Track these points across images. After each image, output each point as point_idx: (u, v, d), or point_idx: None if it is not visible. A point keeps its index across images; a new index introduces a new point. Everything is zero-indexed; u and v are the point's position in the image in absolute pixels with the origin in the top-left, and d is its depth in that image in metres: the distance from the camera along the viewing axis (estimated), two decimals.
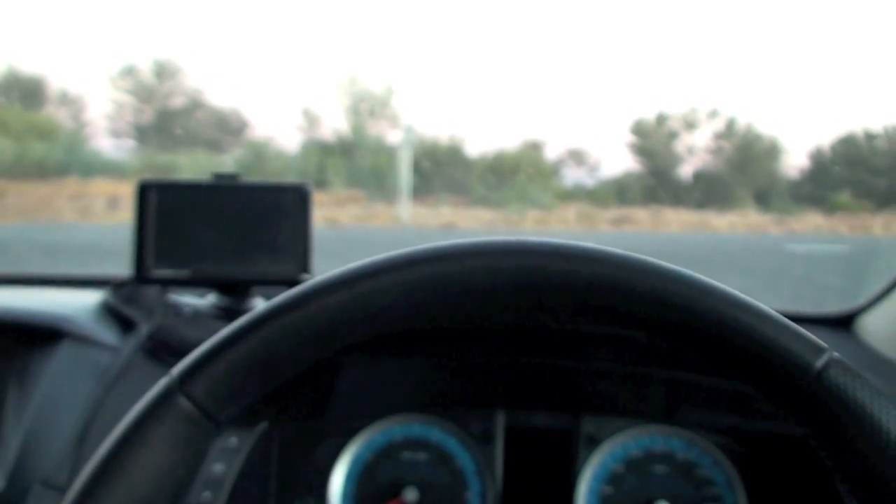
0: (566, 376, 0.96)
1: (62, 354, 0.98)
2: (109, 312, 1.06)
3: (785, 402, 0.49)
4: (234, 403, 0.49)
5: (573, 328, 0.91)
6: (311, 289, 0.49)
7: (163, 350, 0.98)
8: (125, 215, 1.01)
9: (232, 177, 1.02)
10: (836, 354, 0.47)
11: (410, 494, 0.97)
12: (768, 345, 0.47)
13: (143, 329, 1.00)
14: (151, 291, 1.05)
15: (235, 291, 1.05)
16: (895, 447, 0.45)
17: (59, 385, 0.96)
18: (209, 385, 0.48)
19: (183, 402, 0.47)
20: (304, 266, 1.01)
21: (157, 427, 0.47)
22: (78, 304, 1.08)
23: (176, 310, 1.03)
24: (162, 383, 0.48)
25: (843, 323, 1.21)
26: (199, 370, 0.48)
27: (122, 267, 1.02)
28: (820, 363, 0.47)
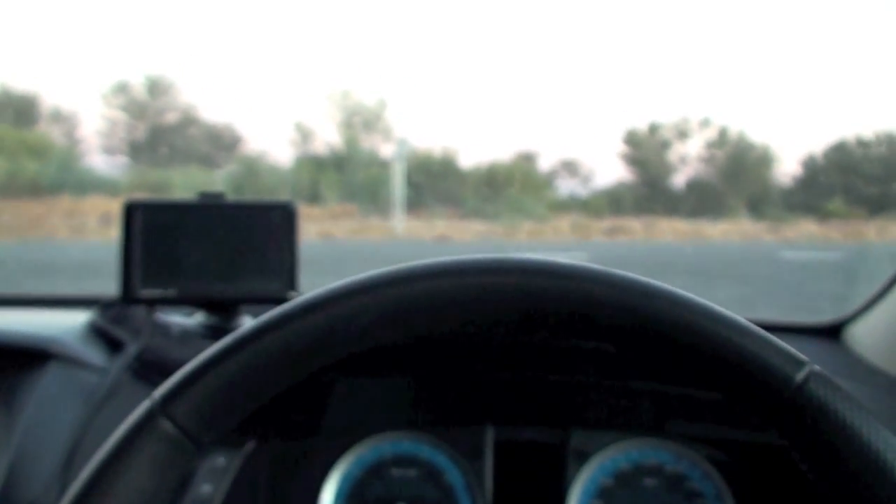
0: (555, 390, 0.96)
1: (49, 376, 0.98)
2: (97, 333, 1.06)
3: (766, 416, 0.49)
4: (216, 425, 0.48)
5: (559, 343, 0.91)
6: (291, 309, 0.49)
7: (151, 370, 0.98)
8: (119, 232, 1.01)
9: (218, 196, 1.02)
10: (816, 367, 0.47)
11: None
12: (748, 358, 0.47)
13: (131, 349, 1.00)
14: (139, 311, 1.05)
15: (223, 310, 1.05)
16: (874, 460, 0.45)
17: (46, 407, 0.96)
18: (191, 407, 0.47)
19: (165, 425, 0.47)
20: (291, 284, 1.01)
21: (140, 450, 0.46)
22: (65, 324, 1.08)
23: (164, 329, 1.02)
24: (144, 406, 0.48)
25: (832, 332, 1.21)
26: (181, 393, 0.48)
27: (114, 285, 1.02)
28: (800, 376, 0.47)
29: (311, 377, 0.50)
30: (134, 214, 1.00)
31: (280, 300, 0.99)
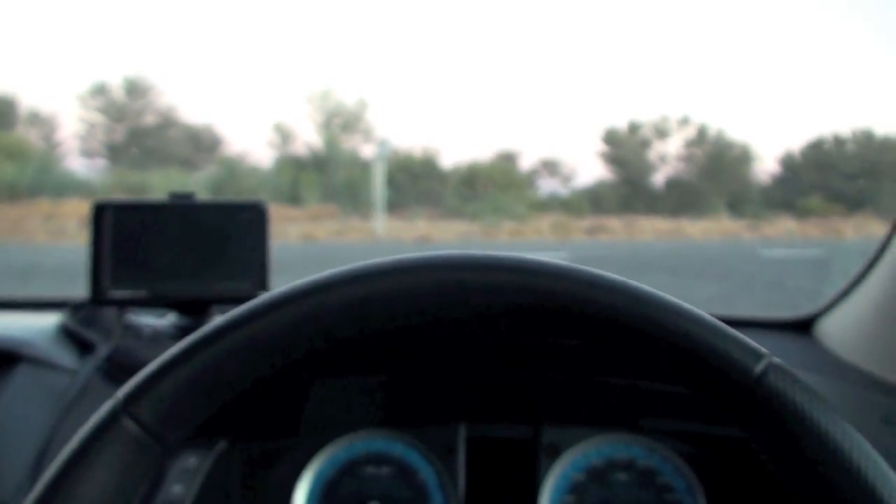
0: (526, 387, 0.97)
1: (19, 378, 0.98)
2: (67, 335, 1.06)
3: (727, 407, 0.49)
4: (181, 424, 0.48)
5: (528, 339, 0.92)
6: (254, 308, 0.49)
7: (121, 372, 0.97)
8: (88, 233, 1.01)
9: (188, 196, 1.01)
10: (775, 359, 0.48)
11: None
12: (708, 351, 0.48)
13: (102, 351, 0.99)
14: (110, 313, 1.04)
15: (194, 311, 1.04)
16: (833, 450, 0.46)
17: (16, 408, 0.95)
18: (155, 406, 0.47)
19: (129, 425, 0.47)
20: (262, 284, 1.01)
21: (103, 450, 0.46)
22: (35, 326, 1.07)
23: (135, 331, 1.02)
24: (107, 406, 0.47)
25: (803, 327, 1.22)
26: (145, 392, 0.47)
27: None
28: (759, 368, 0.47)
29: (282, 376, 0.50)
30: (103, 215, 0.99)
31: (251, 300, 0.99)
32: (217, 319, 0.49)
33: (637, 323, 0.49)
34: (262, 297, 0.50)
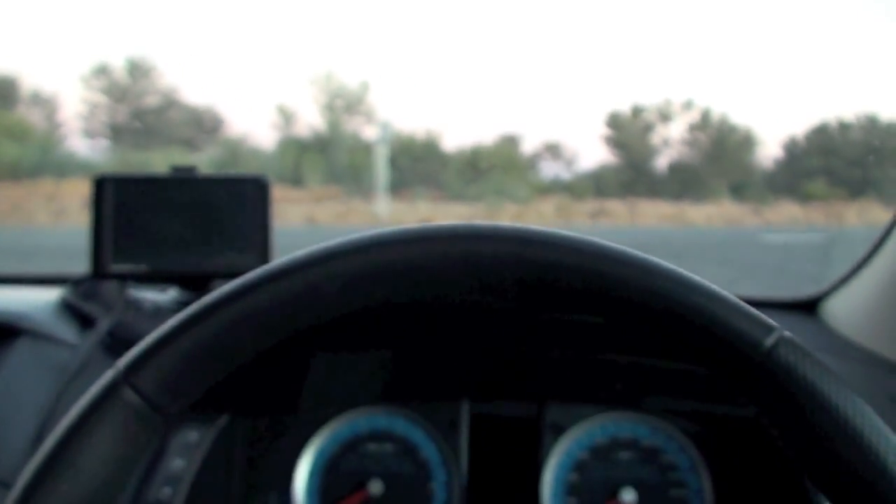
0: (530, 365, 0.96)
1: (19, 351, 0.97)
2: (68, 309, 1.05)
3: (736, 381, 0.49)
4: (182, 395, 0.48)
5: (535, 315, 0.91)
6: (257, 277, 0.48)
7: (122, 346, 0.97)
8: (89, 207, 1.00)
9: (190, 169, 1.00)
10: (786, 333, 0.47)
11: (375, 486, 0.96)
12: (718, 324, 0.47)
13: (103, 325, 0.99)
14: (111, 287, 1.04)
15: (196, 286, 1.04)
16: (843, 425, 0.45)
17: (16, 382, 0.95)
18: (156, 376, 0.47)
19: (129, 395, 0.46)
20: (264, 258, 1.00)
21: (103, 421, 0.46)
22: (37, 301, 1.06)
23: (136, 305, 1.01)
24: (108, 376, 0.47)
25: (809, 307, 1.22)
26: (146, 361, 0.47)
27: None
28: (769, 341, 0.46)
29: (284, 350, 0.49)
30: (104, 189, 0.99)
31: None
32: (218, 289, 0.49)
33: (646, 296, 0.48)
34: (264, 268, 0.49)
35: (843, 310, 1.16)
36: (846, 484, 0.45)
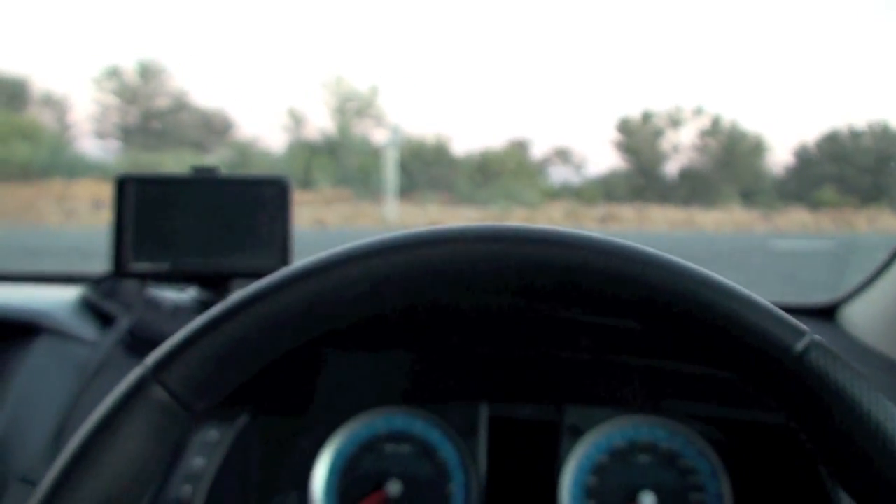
0: (549, 367, 0.96)
1: (40, 349, 0.97)
2: (88, 307, 1.05)
3: (766, 386, 0.48)
4: (209, 393, 0.48)
5: (555, 317, 0.91)
6: (286, 276, 0.48)
7: (142, 344, 0.97)
8: (110, 216, 1.00)
9: (211, 170, 1.01)
10: (816, 337, 0.47)
11: (394, 487, 0.96)
12: (749, 328, 0.47)
13: (123, 323, 0.99)
14: (131, 286, 1.04)
15: (215, 285, 1.04)
16: (875, 429, 0.45)
17: (36, 380, 0.95)
18: (184, 374, 0.47)
19: (157, 392, 0.46)
20: (284, 259, 1.00)
21: (132, 417, 0.46)
22: (57, 299, 1.07)
23: (156, 304, 1.02)
24: (136, 372, 0.47)
25: (827, 313, 1.21)
26: (174, 359, 0.47)
27: (106, 269, 1.01)
28: (800, 346, 0.46)
29: (306, 350, 0.49)
30: (126, 188, 0.99)
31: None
32: (247, 288, 0.49)
33: (676, 299, 0.48)
34: (293, 266, 0.49)
35: (861, 316, 1.15)
36: (876, 488, 0.45)
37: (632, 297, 0.48)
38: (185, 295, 1.06)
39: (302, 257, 1.06)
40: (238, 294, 0.49)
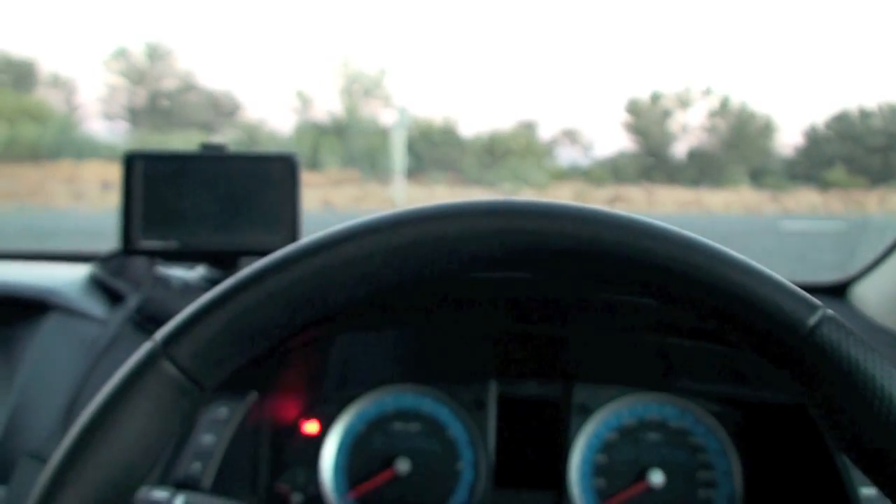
0: (558, 345, 0.96)
1: (49, 327, 0.98)
2: (97, 285, 1.06)
3: (778, 360, 0.48)
4: (220, 368, 0.48)
5: (564, 295, 0.91)
6: (295, 251, 0.48)
7: (151, 322, 0.97)
8: (118, 198, 1.00)
9: (219, 147, 1.00)
10: (829, 311, 0.46)
11: (403, 464, 0.96)
12: (761, 302, 0.47)
13: (132, 301, 0.99)
14: (140, 263, 1.04)
15: (224, 263, 1.04)
16: (888, 403, 0.45)
17: (46, 357, 0.95)
18: (194, 349, 0.47)
19: (167, 367, 0.46)
20: (293, 236, 1.00)
21: (141, 392, 0.46)
22: (66, 276, 1.07)
23: (164, 282, 1.02)
24: (145, 348, 0.47)
25: (837, 291, 1.21)
26: (184, 334, 0.47)
27: (113, 248, 1.01)
28: (813, 320, 0.46)
29: (315, 328, 0.49)
30: (134, 165, 0.99)
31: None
32: (257, 262, 0.49)
33: (686, 272, 0.48)
34: (303, 241, 0.49)
35: (872, 294, 1.15)
36: (888, 461, 0.45)
37: (643, 271, 0.48)
38: (194, 273, 1.06)
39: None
40: (248, 269, 0.48)
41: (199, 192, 1.00)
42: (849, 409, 0.46)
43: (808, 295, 0.47)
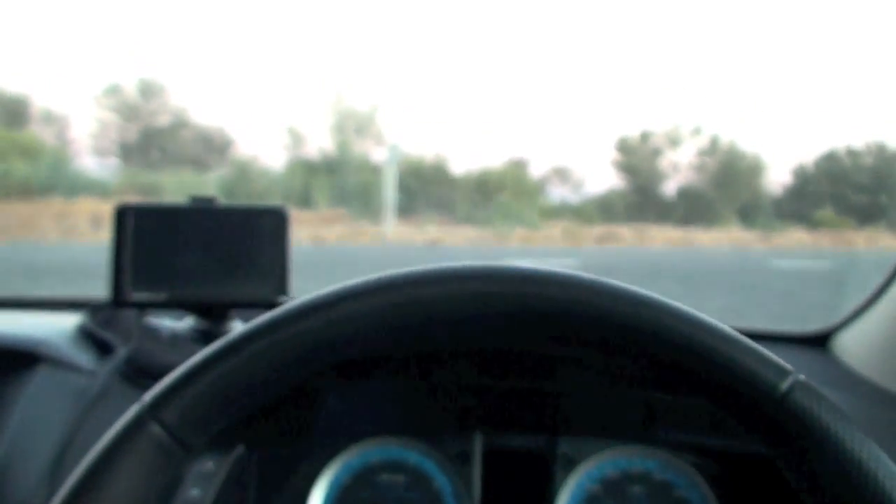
0: (543, 397, 0.97)
1: (39, 378, 0.98)
2: (87, 336, 1.06)
3: (751, 424, 0.49)
4: (207, 429, 0.49)
5: (547, 351, 0.92)
6: (282, 315, 0.49)
7: (140, 374, 0.98)
8: (109, 235, 1.01)
9: (209, 200, 1.02)
10: (801, 377, 0.48)
11: None
12: (733, 367, 0.48)
13: (121, 353, 1.00)
14: (129, 314, 1.05)
15: (214, 314, 1.05)
16: (857, 469, 0.46)
17: (35, 409, 0.96)
18: (182, 412, 0.48)
19: (155, 430, 0.47)
20: (282, 288, 1.01)
21: (129, 455, 0.47)
22: (55, 327, 1.08)
23: (154, 333, 1.02)
24: (134, 410, 0.48)
25: (819, 341, 1.22)
26: (172, 397, 0.48)
27: (105, 287, 1.01)
28: (785, 385, 0.47)
29: (302, 382, 0.50)
30: (125, 218, 1.00)
31: (271, 305, 0.99)
32: (243, 326, 0.50)
33: (661, 337, 0.49)
34: (289, 305, 0.50)
35: (853, 345, 1.16)
36: None
37: (617, 336, 0.49)
38: (184, 324, 1.07)
39: (301, 273, 1.06)
40: (235, 332, 0.49)
41: (189, 244, 1.01)
42: (818, 471, 0.47)
43: (779, 360, 0.48)
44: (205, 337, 1.03)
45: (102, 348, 1.04)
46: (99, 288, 1.10)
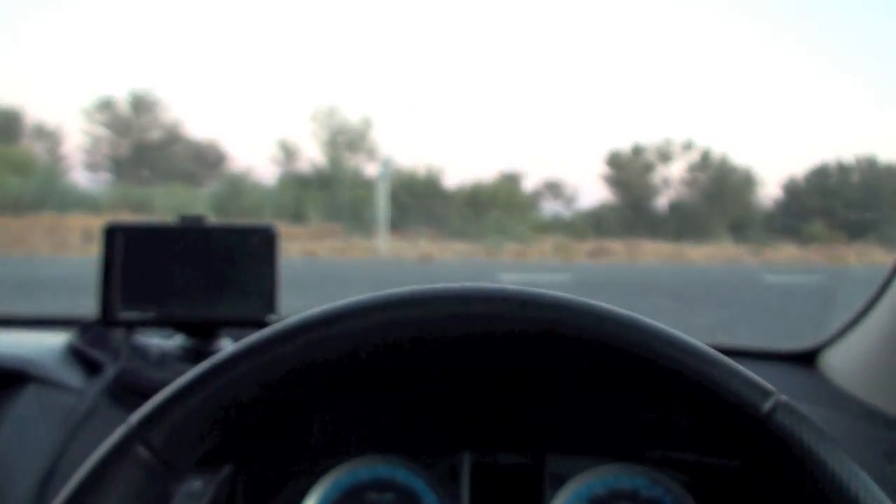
0: (532, 415, 0.97)
1: (27, 398, 0.98)
2: (75, 355, 1.06)
3: (734, 444, 0.50)
4: (193, 451, 0.49)
5: (534, 369, 0.92)
6: (267, 336, 0.50)
7: (129, 393, 0.98)
8: (98, 254, 1.01)
9: (198, 218, 1.02)
10: (782, 397, 0.48)
11: None
12: (716, 388, 0.48)
13: (109, 372, 1.00)
14: (118, 333, 1.05)
15: (202, 333, 1.05)
16: (839, 489, 0.46)
17: (23, 428, 0.96)
18: (168, 433, 0.48)
19: (141, 451, 0.47)
20: (270, 307, 1.01)
21: (115, 477, 0.47)
22: (44, 345, 1.07)
23: (142, 352, 1.02)
24: (120, 432, 0.48)
25: (807, 359, 1.22)
26: (158, 418, 0.48)
27: (95, 303, 1.01)
28: (767, 406, 0.47)
29: (290, 401, 0.50)
30: (114, 237, 1.00)
31: (259, 323, 0.99)
32: (230, 347, 0.50)
33: (647, 359, 0.49)
34: (276, 326, 0.50)
35: (841, 362, 1.16)
36: None
37: (601, 356, 0.50)
38: (172, 342, 1.07)
39: (293, 288, 1.06)
40: (221, 353, 0.50)
41: (178, 263, 1.01)
42: (801, 494, 0.47)
43: (762, 381, 0.49)
44: (194, 356, 1.03)
45: (91, 367, 1.04)
46: (90, 303, 1.10)
